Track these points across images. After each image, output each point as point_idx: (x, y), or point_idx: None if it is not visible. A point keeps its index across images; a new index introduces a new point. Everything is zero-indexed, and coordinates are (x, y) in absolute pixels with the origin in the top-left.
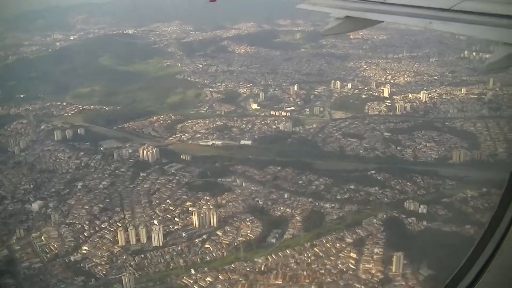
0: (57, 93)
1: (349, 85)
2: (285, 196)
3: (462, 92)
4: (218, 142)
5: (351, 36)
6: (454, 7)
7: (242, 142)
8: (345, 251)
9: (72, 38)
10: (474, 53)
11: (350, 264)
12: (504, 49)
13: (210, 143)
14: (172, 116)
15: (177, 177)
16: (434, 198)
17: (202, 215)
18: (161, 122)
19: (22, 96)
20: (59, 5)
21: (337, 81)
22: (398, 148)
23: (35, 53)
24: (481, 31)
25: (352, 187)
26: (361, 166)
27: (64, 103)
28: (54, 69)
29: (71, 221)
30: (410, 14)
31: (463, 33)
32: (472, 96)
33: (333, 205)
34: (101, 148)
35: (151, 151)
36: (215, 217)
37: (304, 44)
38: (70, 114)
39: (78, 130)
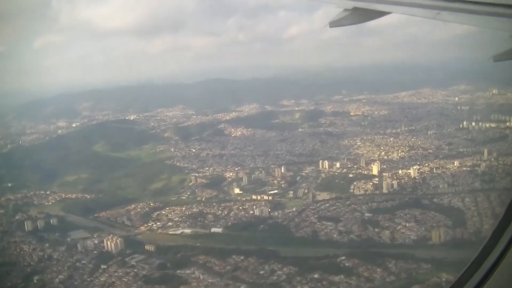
0: (45, 181)
1: (338, 164)
2: None
3: (455, 164)
4: (188, 231)
5: (352, 113)
6: None
7: (213, 230)
8: None
9: (74, 125)
10: (473, 123)
11: None
12: None
13: (179, 231)
14: (151, 204)
15: (135, 270)
16: (403, 285)
17: None
18: (138, 210)
19: (9, 185)
20: (68, 92)
21: (326, 161)
22: (376, 230)
23: (33, 141)
24: (490, 22)
25: (316, 276)
26: (332, 251)
27: (48, 192)
28: (47, 157)
29: None
30: (418, 5)
31: (471, 24)
32: (465, 168)
33: None
34: (68, 239)
35: (114, 242)
36: None
37: (302, 124)
38: (50, 203)
39: (51, 220)
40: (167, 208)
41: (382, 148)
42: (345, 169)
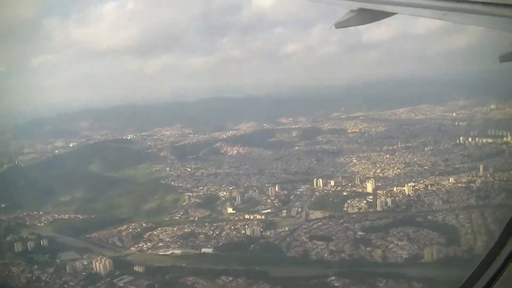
0: (39, 202)
1: (332, 183)
2: None
3: (450, 181)
4: (178, 251)
5: (349, 131)
6: None
7: (203, 250)
8: None
9: (71, 145)
10: (470, 139)
11: None
12: None
13: (169, 252)
14: (144, 224)
15: None
16: None
17: None
18: (130, 230)
19: (3, 205)
20: (68, 112)
21: (320, 179)
22: (368, 249)
23: (29, 161)
24: (496, 22)
25: None
26: (322, 272)
27: (41, 213)
28: (43, 177)
29: None
30: (424, 6)
31: (478, 24)
32: (460, 185)
33: None
34: (57, 261)
35: (104, 263)
36: None
37: (298, 142)
38: (43, 224)
39: (42, 242)
40: (159, 229)
41: (377, 165)
42: (339, 187)
